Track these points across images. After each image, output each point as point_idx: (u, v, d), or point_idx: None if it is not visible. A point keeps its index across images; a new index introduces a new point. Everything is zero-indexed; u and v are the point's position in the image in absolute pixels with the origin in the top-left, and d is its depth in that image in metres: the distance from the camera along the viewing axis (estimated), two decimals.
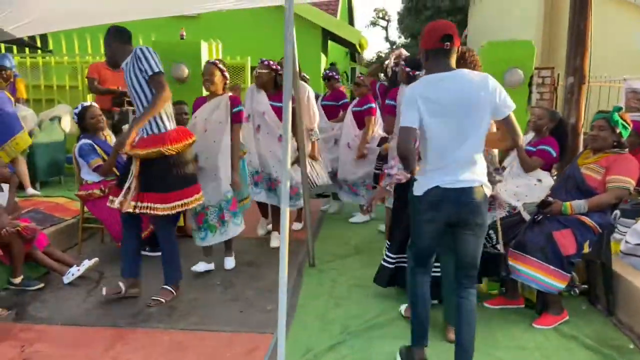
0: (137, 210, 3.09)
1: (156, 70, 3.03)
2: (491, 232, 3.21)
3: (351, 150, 5.29)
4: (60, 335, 2.93)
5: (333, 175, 5.43)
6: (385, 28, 29.38)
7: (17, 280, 3.51)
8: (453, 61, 2.35)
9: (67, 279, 3.62)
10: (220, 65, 3.73)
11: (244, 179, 4.08)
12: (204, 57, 6.33)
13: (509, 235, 3.25)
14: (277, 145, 4.29)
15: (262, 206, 4.85)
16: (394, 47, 28.61)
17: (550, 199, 3.20)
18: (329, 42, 10.04)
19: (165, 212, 3.12)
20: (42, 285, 3.58)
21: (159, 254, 4.18)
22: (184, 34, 6.43)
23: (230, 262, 4.03)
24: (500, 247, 3.23)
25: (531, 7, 10.74)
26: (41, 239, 3.71)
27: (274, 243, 4.56)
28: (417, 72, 3.39)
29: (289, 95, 2.31)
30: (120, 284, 3.34)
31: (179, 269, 3.44)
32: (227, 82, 3.81)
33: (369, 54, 28.32)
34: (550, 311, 3.10)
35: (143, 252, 3.78)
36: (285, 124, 2.29)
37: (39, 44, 7.75)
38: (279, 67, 4.21)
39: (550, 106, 5.97)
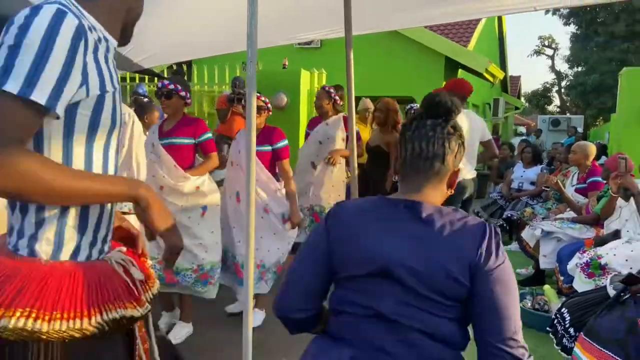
0: None
1: None
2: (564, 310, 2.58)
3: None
4: None
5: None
6: (552, 57, 26.95)
7: None
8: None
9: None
10: None
11: None
12: (304, 86, 6.35)
13: (584, 316, 2.52)
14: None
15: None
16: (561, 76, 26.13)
17: None
18: (460, 71, 9.38)
19: None
20: None
21: None
22: (286, 63, 6.51)
23: None
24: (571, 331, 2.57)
25: None
26: None
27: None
28: None
29: (252, 121, 1.92)
30: None
31: None
32: None
33: (532, 85, 26.17)
34: None
35: None
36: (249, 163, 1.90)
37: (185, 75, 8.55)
38: None
39: None
